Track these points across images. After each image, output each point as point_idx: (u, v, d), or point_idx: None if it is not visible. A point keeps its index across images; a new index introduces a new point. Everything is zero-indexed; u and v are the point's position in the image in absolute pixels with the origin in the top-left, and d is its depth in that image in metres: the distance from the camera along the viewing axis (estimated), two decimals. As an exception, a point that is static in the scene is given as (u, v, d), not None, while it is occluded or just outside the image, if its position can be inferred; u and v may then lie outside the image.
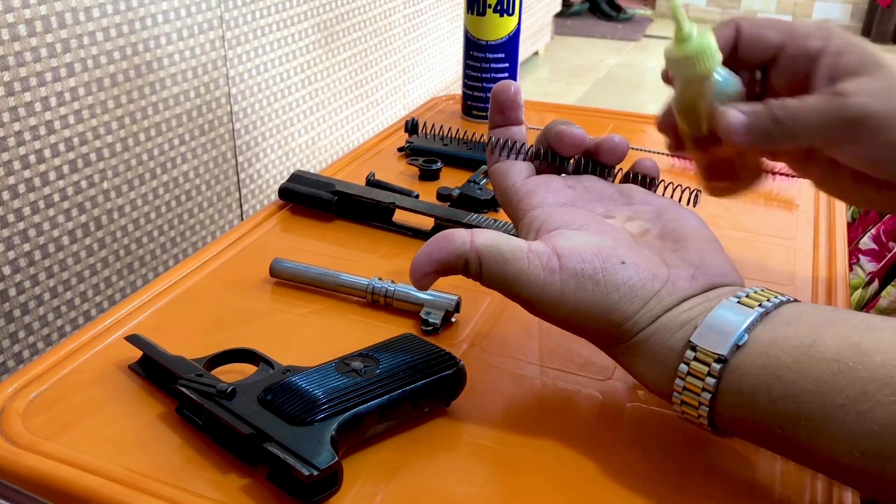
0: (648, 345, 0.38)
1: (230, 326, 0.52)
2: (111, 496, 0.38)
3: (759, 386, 0.34)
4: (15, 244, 0.98)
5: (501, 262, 0.39)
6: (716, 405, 0.36)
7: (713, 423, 0.37)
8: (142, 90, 1.12)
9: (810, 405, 0.33)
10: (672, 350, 0.37)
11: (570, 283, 0.38)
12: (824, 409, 0.32)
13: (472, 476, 0.40)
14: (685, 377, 0.36)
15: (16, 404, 0.44)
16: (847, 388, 0.32)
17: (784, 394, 0.33)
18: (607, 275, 0.38)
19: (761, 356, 0.35)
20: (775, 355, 0.34)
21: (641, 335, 0.38)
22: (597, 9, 4.38)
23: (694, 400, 0.36)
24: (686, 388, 0.36)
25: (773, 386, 0.34)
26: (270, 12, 1.38)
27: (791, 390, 0.33)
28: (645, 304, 0.38)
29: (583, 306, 0.38)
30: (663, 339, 0.38)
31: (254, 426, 0.39)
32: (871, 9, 3.98)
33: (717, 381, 0.35)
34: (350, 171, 0.76)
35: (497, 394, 0.46)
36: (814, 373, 0.33)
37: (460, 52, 0.95)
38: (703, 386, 0.36)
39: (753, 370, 0.35)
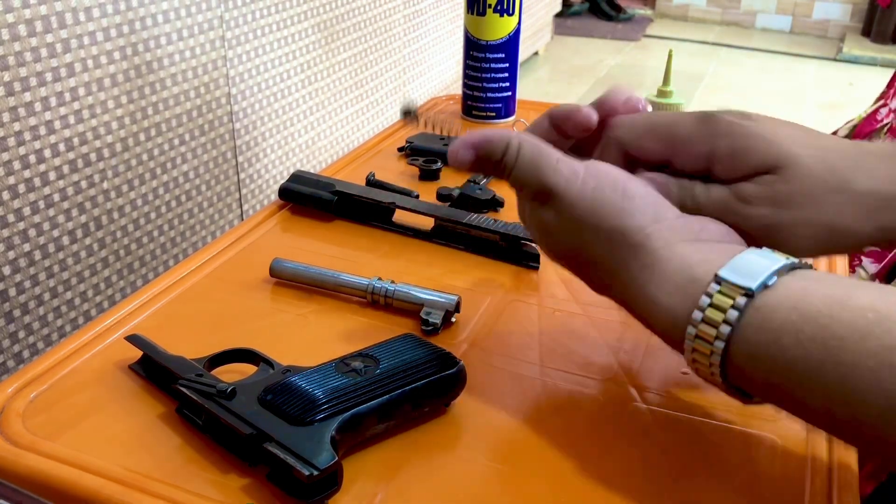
0: (665, 269, 0.37)
1: (230, 326, 0.52)
2: (111, 496, 0.38)
3: (785, 325, 0.33)
4: (15, 244, 0.98)
5: (537, 154, 0.40)
6: (732, 343, 0.34)
7: (724, 367, 0.35)
8: (142, 90, 1.12)
9: (840, 351, 0.31)
10: (693, 280, 0.36)
11: (590, 182, 0.39)
12: (854, 356, 0.31)
13: (472, 476, 0.40)
14: (705, 309, 0.34)
15: (16, 404, 0.44)
16: (881, 336, 0.31)
17: (813, 337, 0.32)
18: (628, 184, 0.39)
19: (791, 299, 0.33)
20: (806, 299, 0.33)
21: (657, 255, 0.37)
22: (597, 9, 4.38)
23: (710, 334, 0.34)
24: (704, 320, 0.34)
25: (802, 328, 0.32)
26: (270, 12, 1.38)
27: (821, 334, 0.32)
28: (657, 220, 0.38)
29: (598, 203, 0.38)
30: (683, 267, 0.36)
31: (254, 426, 0.39)
32: (871, 9, 3.98)
33: (740, 316, 0.34)
34: (350, 171, 0.76)
35: (497, 394, 0.46)
36: (847, 319, 0.32)
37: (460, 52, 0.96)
38: (724, 319, 0.34)
39: (782, 310, 0.33)
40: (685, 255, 0.37)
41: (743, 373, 0.35)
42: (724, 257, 0.36)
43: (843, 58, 3.79)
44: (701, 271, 0.36)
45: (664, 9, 4.54)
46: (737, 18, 4.38)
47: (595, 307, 0.54)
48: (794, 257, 0.36)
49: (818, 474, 0.40)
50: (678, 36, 4.12)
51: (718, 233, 0.39)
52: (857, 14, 4.11)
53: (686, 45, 3.91)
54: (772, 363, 0.33)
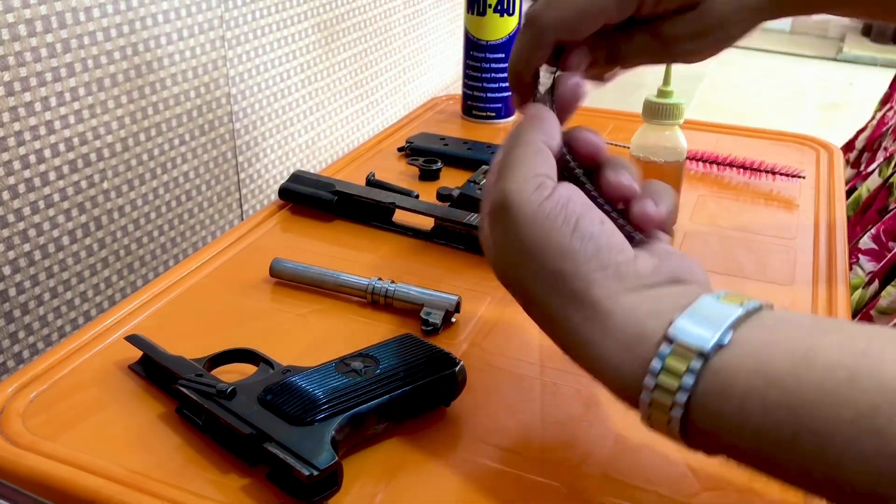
0: (610, 325, 0.34)
1: (230, 326, 0.52)
2: (111, 496, 0.38)
3: (749, 392, 0.30)
4: (15, 244, 0.98)
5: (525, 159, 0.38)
6: (692, 409, 0.32)
7: (686, 432, 0.33)
8: (142, 90, 1.12)
9: (813, 419, 0.29)
10: (642, 338, 0.33)
11: (547, 208, 0.36)
12: (829, 424, 0.28)
13: (472, 476, 0.40)
14: (658, 374, 0.32)
15: (16, 404, 0.44)
16: (855, 399, 0.28)
17: (781, 404, 0.30)
18: (581, 221, 0.36)
19: (751, 358, 0.31)
20: (768, 360, 0.30)
21: (599, 307, 0.34)
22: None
23: (666, 402, 0.32)
24: (658, 386, 0.32)
25: (768, 393, 0.30)
26: (270, 12, 1.38)
27: (790, 401, 0.29)
28: (603, 268, 0.35)
29: (543, 240, 0.35)
30: (629, 323, 0.34)
31: (254, 426, 0.39)
32: (871, 9, 3.98)
33: (696, 381, 0.31)
34: (350, 171, 0.76)
35: (497, 394, 0.46)
36: (816, 381, 0.29)
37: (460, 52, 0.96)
38: (680, 385, 0.31)
39: (742, 373, 0.31)
40: (632, 308, 0.34)
41: (706, 437, 0.32)
42: (673, 307, 0.33)
43: (843, 58, 3.79)
44: (650, 327, 0.33)
45: (664, 9, 4.54)
46: (737, 18, 4.37)
47: (595, 307, 0.54)
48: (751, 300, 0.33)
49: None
50: (678, 36, 4.11)
51: (675, 269, 0.36)
52: (857, 14, 4.11)
53: (686, 45, 3.91)
54: (738, 431, 0.31)
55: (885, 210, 0.99)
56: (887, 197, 1.01)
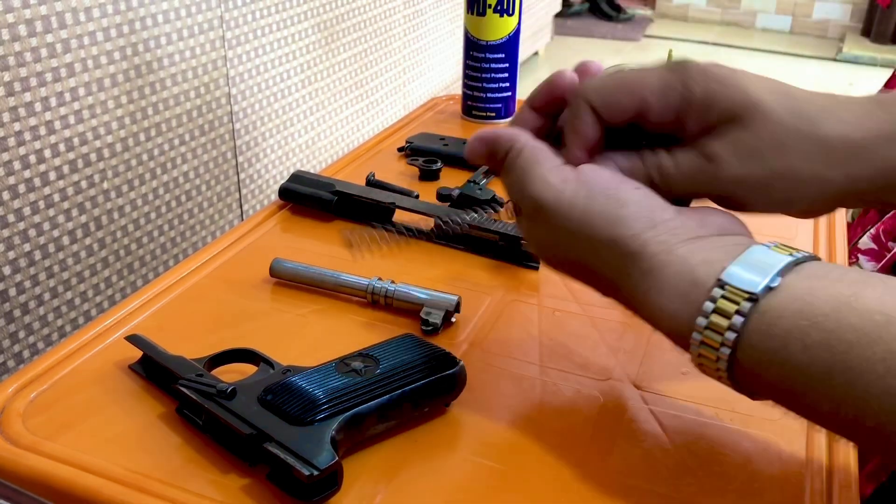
0: (666, 275, 0.36)
1: (230, 326, 0.52)
2: (111, 496, 0.38)
3: (792, 331, 0.32)
4: (15, 244, 0.98)
5: (533, 159, 0.40)
6: (738, 349, 0.34)
7: (731, 370, 0.35)
8: (142, 90, 1.12)
9: (848, 356, 0.31)
10: (695, 285, 0.35)
11: (581, 192, 0.38)
12: (863, 362, 0.30)
13: (472, 476, 0.40)
14: (709, 315, 0.34)
15: (16, 404, 0.44)
16: (890, 340, 0.30)
17: (820, 342, 0.32)
18: (619, 192, 0.38)
19: (797, 301, 0.33)
20: (812, 302, 0.32)
21: (655, 261, 0.36)
22: (597, 9, 4.38)
23: (715, 341, 0.34)
24: (709, 326, 0.34)
25: (809, 333, 0.32)
26: (270, 12, 1.38)
27: (828, 339, 0.31)
28: (654, 226, 0.37)
29: (590, 214, 0.38)
30: (684, 271, 0.36)
31: (254, 426, 0.39)
32: (870, 9, 3.98)
33: (745, 321, 0.33)
34: (350, 171, 0.76)
35: (497, 394, 0.46)
36: (854, 323, 0.31)
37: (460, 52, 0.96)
38: (729, 325, 0.33)
39: (787, 315, 0.33)
40: (685, 258, 0.36)
41: (750, 376, 0.34)
42: (725, 256, 0.35)
43: (843, 58, 3.79)
44: (702, 274, 0.35)
45: (664, 9, 4.54)
46: (737, 18, 4.38)
47: (595, 307, 0.54)
48: (800, 251, 0.35)
49: (817, 474, 0.40)
50: (678, 36, 4.12)
51: (719, 224, 0.38)
52: (857, 14, 4.11)
53: (686, 45, 3.91)
54: (779, 368, 0.33)
55: (885, 210, 0.99)
56: (887, 197, 1.01)
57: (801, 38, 4.19)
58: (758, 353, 0.33)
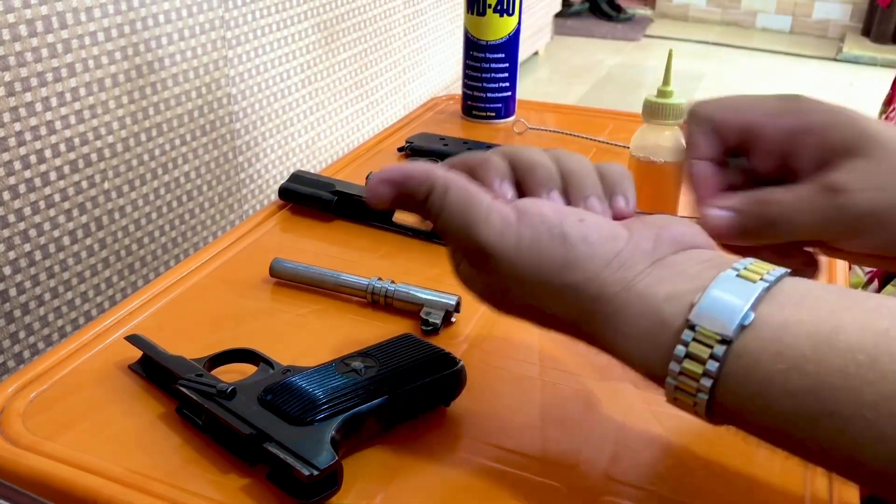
0: (629, 317, 0.34)
1: (230, 326, 0.52)
2: (111, 496, 0.38)
3: (772, 377, 0.31)
4: (15, 244, 0.98)
5: (466, 200, 0.36)
6: (716, 393, 0.32)
7: (711, 411, 0.33)
8: (143, 90, 1.12)
9: (835, 402, 0.29)
10: (663, 327, 0.33)
11: (526, 234, 0.35)
12: (851, 407, 0.29)
13: (471, 476, 0.40)
14: (682, 361, 0.32)
15: (16, 404, 0.44)
16: (877, 383, 0.29)
17: (803, 388, 0.30)
18: (565, 228, 0.35)
19: (774, 342, 0.31)
20: (791, 343, 0.31)
21: (616, 303, 0.34)
22: (597, 9, 4.38)
23: (691, 387, 0.32)
24: (683, 372, 0.32)
25: (790, 378, 0.30)
26: (270, 12, 1.38)
27: (812, 385, 0.30)
28: (607, 264, 0.35)
29: (538, 261, 0.35)
30: (648, 312, 0.34)
31: (254, 426, 0.39)
32: (871, 9, 3.98)
33: (720, 367, 0.31)
34: (350, 171, 0.76)
35: (497, 394, 0.46)
36: (837, 364, 0.29)
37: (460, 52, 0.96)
38: (704, 371, 0.32)
39: (765, 357, 0.31)
40: (647, 296, 0.34)
41: (732, 418, 0.33)
42: (691, 286, 0.33)
43: (843, 58, 3.79)
44: (669, 313, 0.33)
45: (664, 9, 4.54)
46: (737, 18, 4.38)
47: (595, 307, 0.54)
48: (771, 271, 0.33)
49: (818, 474, 0.40)
50: (678, 36, 4.12)
51: (674, 236, 0.36)
52: (857, 14, 4.11)
53: (686, 45, 3.91)
54: (761, 414, 0.32)
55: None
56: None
57: (801, 38, 4.19)
58: (737, 399, 0.32)
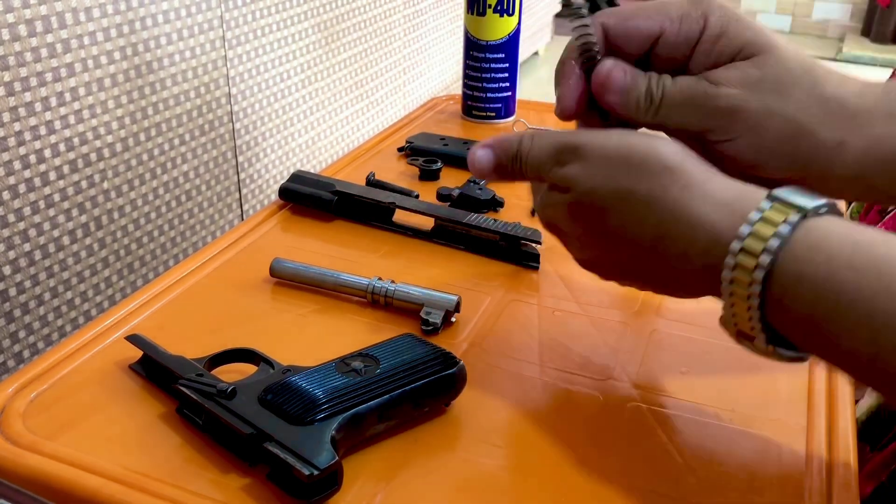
0: (710, 187, 0.36)
1: (230, 326, 0.52)
2: (111, 496, 0.38)
3: (840, 248, 0.31)
4: (15, 244, 0.98)
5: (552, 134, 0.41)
6: (779, 262, 0.32)
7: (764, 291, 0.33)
8: (142, 90, 1.12)
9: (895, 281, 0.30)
10: (743, 196, 0.35)
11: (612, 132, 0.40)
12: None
13: (472, 476, 0.40)
14: (754, 223, 0.33)
15: (16, 404, 0.44)
16: None
17: (868, 263, 0.31)
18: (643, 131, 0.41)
19: (845, 225, 0.32)
20: (861, 230, 0.32)
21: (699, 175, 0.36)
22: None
23: (757, 249, 0.33)
24: (753, 234, 0.33)
25: (858, 252, 0.31)
26: (270, 12, 1.38)
27: (877, 263, 0.31)
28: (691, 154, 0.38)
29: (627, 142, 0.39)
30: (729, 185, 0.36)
31: (254, 426, 0.39)
32: (870, 9, 3.98)
33: (792, 231, 0.32)
34: (350, 171, 0.76)
35: (497, 394, 0.46)
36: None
37: (460, 52, 0.96)
38: (775, 232, 0.32)
39: (836, 233, 0.32)
40: (727, 179, 0.36)
41: (784, 298, 0.33)
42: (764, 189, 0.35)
43: (843, 58, 3.79)
44: (750, 190, 0.35)
45: (664, 9, 4.54)
46: (737, 18, 4.37)
47: (595, 307, 0.54)
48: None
49: (817, 474, 0.40)
50: (678, 36, 4.11)
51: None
52: (857, 14, 4.11)
53: (686, 45, 3.90)
54: (821, 286, 0.31)
55: (885, 211, 0.99)
56: (887, 197, 1.01)
57: (801, 38, 4.19)
58: (800, 266, 0.32)
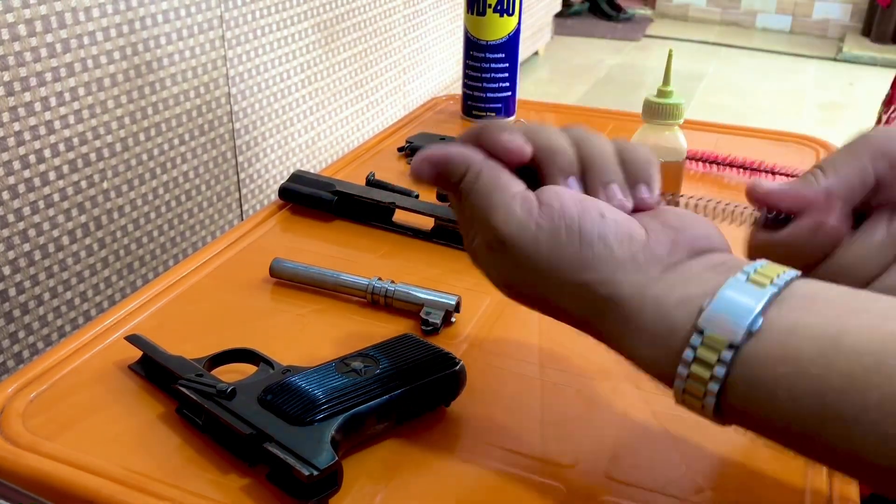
0: (641, 321, 0.35)
1: (230, 326, 0.52)
2: (111, 496, 0.38)
3: (778, 380, 0.31)
4: (15, 244, 0.98)
5: (493, 185, 0.38)
6: (724, 396, 0.33)
7: (719, 412, 0.33)
8: (142, 90, 1.12)
9: (840, 404, 0.30)
10: (673, 331, 0.34)
11: (544, 227, 0.36)
12: (856, 409, 0.29)
13: (471, 476, 0.40)
14: (690, 364, 0.33)
15: (16, 404, 0.44)
16: (882, 385, 0.29)
17: (809, 391, 0.30)
18: (584, 225, 0.36)
19: (780, 346, 0.31)
20: (797, 346, 0.31)
21: (628, 306, 0.35)
22: (597, 9, 4.38)
23: (699, 390, 0.33)
24: (691, 376, 0.33)
25: (796, 382, 0.31)
26: (270, 12, 1.38)
27: (817, 387, 0.30)
28: (622, 266, 0.35)
29: (555, 256, 0.36)
30: (659, 316, 0.34)
31: (254, 426, 0.39)
32: (870, 9, 3.98)
33: (727, 372, 0.32)
34: (350, 171, 0.76)
35: (497, 394, 0.46)
36: (843, 368, 0.30)
37: (460, 52, 0.96)
38: (711, 375, 0.32)
39: (771, 362, 0.31)
40: (660, 300, 0.34)
41: (739, 419, 0.34)
42: (702, 290, 0.34)
43: (843, 58, 3.79)
44: (679, 318, 0.34)
45: (664, 9, 4.54)
46: (737, 18, 4.38)
47: (595, 307, 0.54)
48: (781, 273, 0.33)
49: (818, 474, 0.40)
50: (678, 36, 4.12)
51: (692, 238, 0.36)
52: (857, 14, 4.11)
53: (686, 45, 3.91)
54: (767, 417, 0.32)
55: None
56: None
57: (801, 37, 4.19)
58: (744, 401, 0.32)
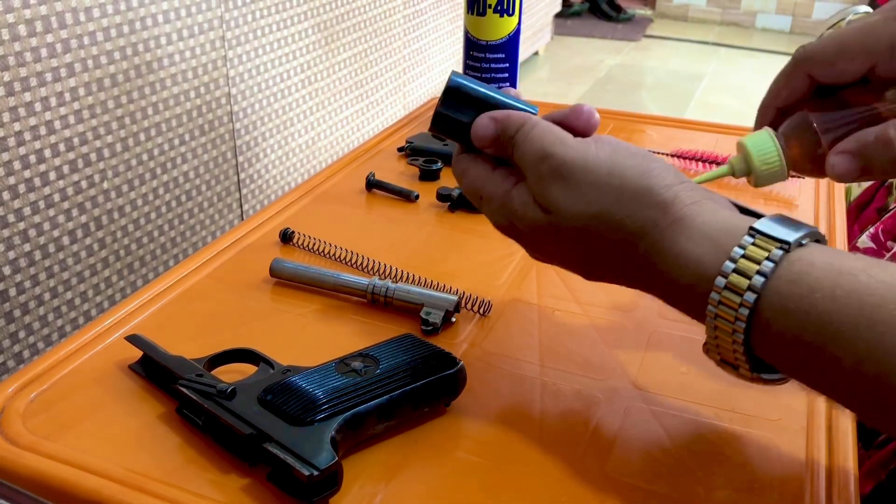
0: (697, 222, 0.36)
1: (230, 326, 0.52)
2: (111, 496, 0.38)
3: (822, 280, 0.32)
4: (15, 244, 0.98)
5: (549, 130, 0.41)
6: (763, 297, 0.33)
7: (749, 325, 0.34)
8: (142, 90, 1.12)
9: (879, 310, 0.31)
10: (727, 232, 0.35)
11: (604, 149, 0.39)
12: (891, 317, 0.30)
13: (471, 476, 0.40)
14: (737, 259, 0.34)
15: (16, 404, 0.44)
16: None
17: (850, 293, 0.31)
18: (641, 151, 0.40)
19: (827, 256, 0.33)
20: (843, 258, 0.33)
21: (687, 209, 0.37)
22: (597, 9, 4.38)
23: (741, 285, 0.33)
24: (736, 270, 0.34)
25: (840, 283, 0.32)
26: (270, 12, 1.38)
27: (859, 291, 0.31)
28: (682, 181, 0.38)
29: (619, 166, 0.38)
30: (715, 220, 0.36)
31: (254, 426, 0.39)
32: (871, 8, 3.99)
33: (775, 268, 0.33)
34: (350, 170, 0.76)
35: (497, 394, 0.46)
36: (887, 280, 0.31)
37: (460, 52, 0.96)
38: (758, 270, 0.33)
39: (818, 265, 0.33)
40: (715, 211, 0.37)
41: (768, 332, 0.34)
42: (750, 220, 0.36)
43: (843, 58, 3.78)
44: (735, 224, 0.36)
45: (664, 9, 4.54)
46: (737, 18, 4.38)
47: (595, 307, 0.54)
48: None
49: (817, 474, 0.40)
50: (678, 36, 4.12)
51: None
52: (857, 14, 4.11)
53: (686, 45, 3.91)
54: (804, 318, 0.32)
55: (885, 209, 0.99)
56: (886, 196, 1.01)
57: (801, 38, 4.19)
58: (784, 301, 0.33)
